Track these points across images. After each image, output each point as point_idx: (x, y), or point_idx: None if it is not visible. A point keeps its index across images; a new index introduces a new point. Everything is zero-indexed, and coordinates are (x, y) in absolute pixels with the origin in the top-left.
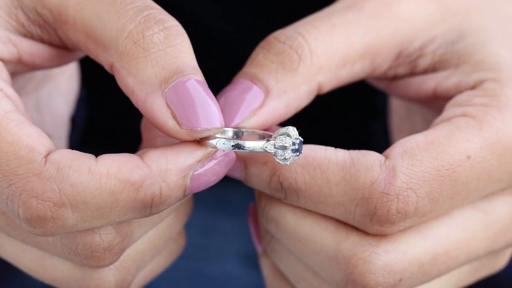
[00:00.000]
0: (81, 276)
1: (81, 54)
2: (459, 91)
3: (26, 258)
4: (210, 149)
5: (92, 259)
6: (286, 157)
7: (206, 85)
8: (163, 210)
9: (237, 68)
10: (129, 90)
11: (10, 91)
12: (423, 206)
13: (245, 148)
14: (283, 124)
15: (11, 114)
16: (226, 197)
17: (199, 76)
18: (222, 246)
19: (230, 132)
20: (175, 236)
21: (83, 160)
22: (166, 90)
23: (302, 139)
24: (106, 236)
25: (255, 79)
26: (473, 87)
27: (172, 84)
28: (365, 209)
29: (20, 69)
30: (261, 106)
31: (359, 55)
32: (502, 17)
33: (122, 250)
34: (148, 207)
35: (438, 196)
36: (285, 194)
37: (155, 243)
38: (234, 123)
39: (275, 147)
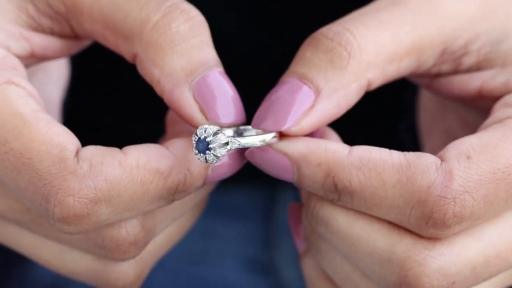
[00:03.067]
0: (101, 269)
1: (88, 42)
2: (507, 90)
3: (45, 252)
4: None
5: (117, 252)
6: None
7: (227, 76)
8: (183, 197)
9: (237, 63)
10: (154, 81)
11: (32, 89)
12: (479, 209)
13: (240, 144)
14: (330, 124)
15: (39, 113)
16: (226, 201)
17: (221, 67)
18: (222, 251)
19: (230, 131)
20: (189, 229)
21: (112, 154)
22: (193, 83)
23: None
24: (132, 230)
25: (304, 79)
26: None
27: (198, 77)
28: (421, 212)
29: (31, 62)
30: (312, 107)
31: (406, 52)
32: None
33: (146, 244)
34: (172, 194)
35: (493, 200)
36: (339, 195)
37: (172, 237)
38: (286, 126)
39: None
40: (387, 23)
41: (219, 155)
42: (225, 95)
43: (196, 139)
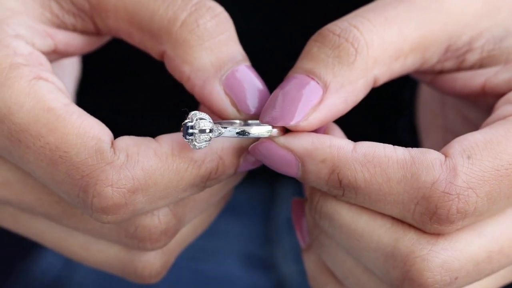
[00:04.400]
0: (128, 259)
1: (108, 38)
2: (510, 87)
3: (71, 243)
4: (263, 133)
5: (149, 241)
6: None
7: (255, 70)
8: (214, 185)
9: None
10: (184, 77)
11: (60, 84)
12: (482, 205)
13: (250, 134)
14: (337, 120)
15: (70, 107)
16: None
17: (248, 61)
18: (223, 247)
19: (237, 122)
20: (212, 221)
21: (147, 144)
22: (223, 78)
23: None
24: (164, 218)
25: (311, 74)
26: None
27: (228, 71)
28: (425, 208)
29: (54, 58)
30: (320, 102)
31: (411, 48)
32: None
33: (176, 233)
34: (204, 182)
35: (496, 196)
36: (343, 191)
37: (198, 228)
38: (295, 121)
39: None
40: (393, 20)
41: (202, 141)
42: (254, 87)
43: (182, 129)
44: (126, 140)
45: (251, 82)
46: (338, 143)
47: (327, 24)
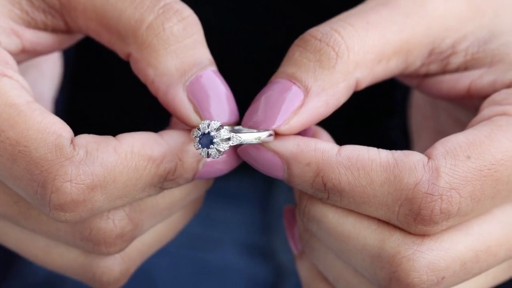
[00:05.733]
0: (87, 264)
1: (80, 36)
2: (494, 89)
3: (32, 246)
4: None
5: (104, 245)
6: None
7: (221, 75)
8: (172, 187)
9: (234, 61)
10: (149, 81)
11: (25, 82)
12: (466, 206)
13: (240, 140)
14: (322, 122)
15: (33, 104)
16: (225, 187)
17: (214, 66)
18: (222, 236)
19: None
20: (179, 231)
21: (106, 141)
22: (187, 83)
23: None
24: (119, 222)
25: (293, 79)
26: (509, 85)
27: (192, 77)
28: (409, 210)
29: (21, 58)
30: (301, 106)
31: (394, 52)
32: None
33: (132, 238)
34: (161, 182)
35: (480, 196)
36: (328, 194)
37: (161, 238)
38: (276, 125)
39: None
40: (375, 24)
41: (222, 149)
42: (219, 94)
43: (199, 134)
44: (86, 137)
45: (216, 88)
46: (323, 147)
47: (309, 29)
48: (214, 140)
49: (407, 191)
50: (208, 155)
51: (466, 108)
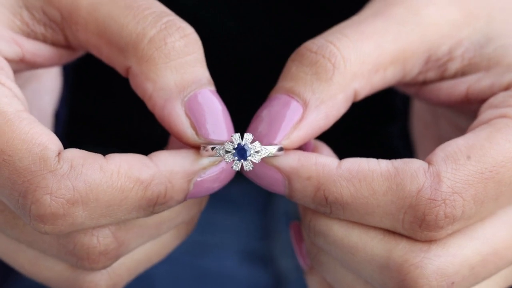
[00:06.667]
0: (74, 278)
1: (81, 54)
2: (492, 93)
3: (20, 257)
4: (215, 158)
5: (87, 261)
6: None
7: (218, 95)
8: (164, 210)
9: (236, 63)
10: (146, 95)
11: (18, 90)
12: (470, 209)
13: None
14: (320, 135)
15: (22, 113)
16: (226, 193)
17: (213, 86)
18: (221, 242)
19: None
20: (170, 251)
21: (94, 158)
22: (185, 99)
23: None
24: (103, 240)
25: (291, 93)
26: (507, 87)
27: (191, 93)
28: (414, 216)
29: (21, 67)
30: (301, 120)
31: (390, 61)
32: None
33: (117, 256)
34: (152, 206)
35: (483, 199)
36: (330, 208)
37: (151, 257)
38: (277, 140)
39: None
40: (370, 34)
41: (256, 161)
42: (216, 113)
43: (235, 146)
44: (73, 152)
45: (213, 107)
46: (324, 161)
47: (304, 42)
48: (249, 153)
49: (410, 199)
50: (242, 168)
51: (466, 114)
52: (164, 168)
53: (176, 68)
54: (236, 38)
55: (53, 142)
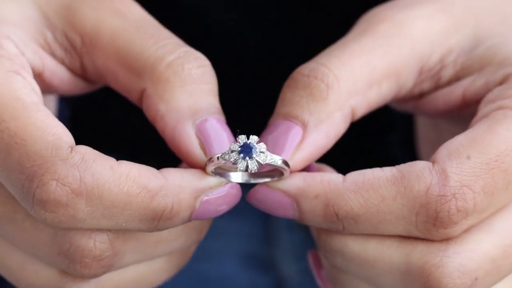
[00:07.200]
0: (60, 286)
1: (94, 88)
2: (488, 90)
3: (9, 259)
4: (222, 179)
5: (79, 264)
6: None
7: (227, 126)
8: (168, 227)
9: (237, 61)
10: (158, 116)
11: (38, 89)
12: (481, 201)
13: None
14: (322, 156)
15: (39, 105)
16: None
17: (223, 116)
18: (223, 247)
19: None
20: (160, 282)
21: (106, 158)
22: (197, 122)
23: (248, 142)
24: (100, 245)
25: (289, 117)
26: (501, 82)
27: (202, 117)
28: (426, 216)
29: (39, 83)
30: (302, 141)
31: (383, 76)
32: (509, 19)
33: (109, 266)
34: (157, 220)
35: (493, 189)
36: (343, 224)
37: (141, 280)
38: None
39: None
40: (359, 52)
41: (261, 162)
42: (223, 139)
43: (240, 145)
44: (87, 148)
45: (222, 134)
46: (329, 177)
47: (297, 68)
48: (254, 151)
49: (420, 198)
50: (247, 168)
51: (468, 121)
52: (172, 181)
53: (191, 93)
54: (237, 35)
55: (67, 135)
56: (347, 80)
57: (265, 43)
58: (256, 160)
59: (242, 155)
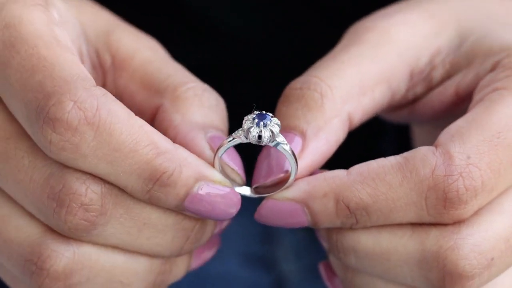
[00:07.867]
0: (38, 243)
1: None
2: (479, 80)
3: None
4: (226, 180)
5: (66, 209)
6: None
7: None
8: (160, 199)
9: (239, 61)
10: (172, 125)
11: (72, 46)
12: (488, 179)
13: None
14: (326, 163)
15: (73, 50)
16: None
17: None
18: (223, 246)
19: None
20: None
21: (126, 108)
22: (208, 135)
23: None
24: (91, 193)
25: (288, 129)
26: (492, 69)
27: (214, 133)
28: (435, 198)
29: None
30: (302, 150)
31: (375, 82)
32: (491, 13)
33: (92, 224)
34: (153, 181)
35: (499, 166)
36: (355, 217)
37: (114, 274)
38: (283, 171)
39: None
40: (349, 61)
41: (275, 132)
42: (234, 153)
43: (257, 113)
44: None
45: (231, 149)
46: (332, 174)
47: (289, 83)
48: (269, 120)
49: (427, 181)
50: (260, 137)
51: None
52: (182, 152)
53: (206, 115)
54: (240, 35)
55: (93, 78)
56: (340, 88)
57: (267, 43)
58: (270, 129)
59: (257, 120)
